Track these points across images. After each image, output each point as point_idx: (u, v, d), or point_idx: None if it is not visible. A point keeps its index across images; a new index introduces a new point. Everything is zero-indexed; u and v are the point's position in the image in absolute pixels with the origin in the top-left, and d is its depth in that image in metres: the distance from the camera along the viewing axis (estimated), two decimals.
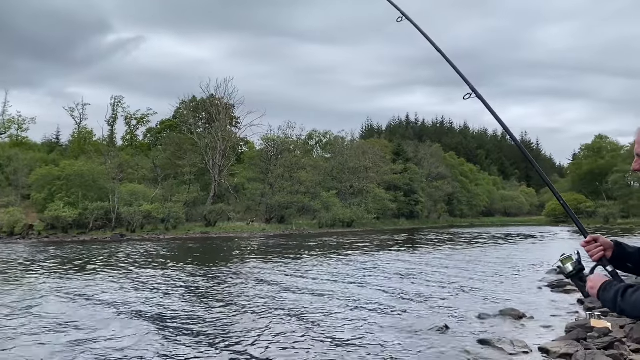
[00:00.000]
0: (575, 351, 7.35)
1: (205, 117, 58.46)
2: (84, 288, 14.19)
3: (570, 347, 7.52)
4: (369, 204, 62.49)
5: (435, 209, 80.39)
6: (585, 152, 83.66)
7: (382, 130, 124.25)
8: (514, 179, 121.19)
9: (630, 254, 2.13)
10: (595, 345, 7.59)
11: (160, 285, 14.90)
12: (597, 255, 2.14)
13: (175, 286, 14.71)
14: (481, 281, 15.94)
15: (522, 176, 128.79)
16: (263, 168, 58.94)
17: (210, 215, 47.82)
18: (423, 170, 78.87)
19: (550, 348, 7.61)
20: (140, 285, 14.84)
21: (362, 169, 66.18)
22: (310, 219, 56.40)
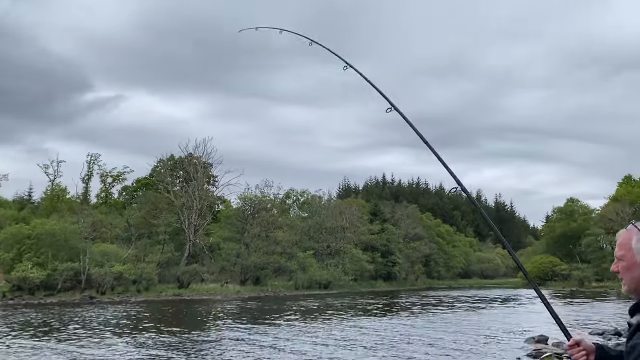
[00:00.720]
0: None
1: (183, 175, 58.26)
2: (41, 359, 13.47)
3: None
4: (346, 264, 61.96)
5: (413, 270, 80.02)
6: (558, 214, 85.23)
7: (359, 189, 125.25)
8: (490, 241, 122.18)
9: (612, 357, 2.07)
10: None
11: (131, 354, 14.22)
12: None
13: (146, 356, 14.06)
14: (461, 350, 15.64)
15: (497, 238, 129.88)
16: (239, 227, 58.35)
17: (184, 276, 46.68)
18: (400, 231, 79.06)
19: None
20: (109, 354, 14.15)
21: (339, 228, 66.04)
22: (286, 280, 55.46)
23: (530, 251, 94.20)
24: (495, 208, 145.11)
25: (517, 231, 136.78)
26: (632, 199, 65.29)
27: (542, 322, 24.08)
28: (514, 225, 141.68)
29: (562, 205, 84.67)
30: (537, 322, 23.74)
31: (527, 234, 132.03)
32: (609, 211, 63.58)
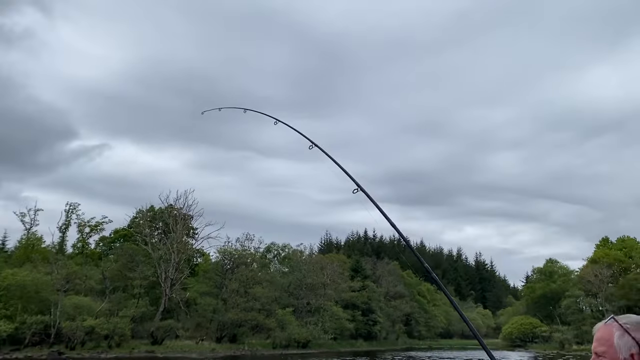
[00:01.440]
0: None
1: (162, 227, 57.48)
2: None
3: None
4: (326, 322, 60.76)
5: (394, 329, 78.72)
6: (538, 275, 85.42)
7: (340, 244, 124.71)
8: (470, 300, 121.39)
9: None
10: None
11: None
12: None
13: None
14: None
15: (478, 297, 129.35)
16: (217, 282, 57.22)
17: (158, 332, 45.22)
18: (381, 289, 78.32)
19: None
20: None
21: (319, 285, 65.11)
22: (263, 338, 53.99)
23: (510, 311, 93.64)
24: (475, 267, 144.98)
25: (497, 290, 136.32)
26: (610, 261, 65.90)
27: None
28: (494, 284, 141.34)
29: (541, 266, 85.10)
30: None
31: (507, 294, 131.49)
32: (588, 273, 63.94)
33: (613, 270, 65.14)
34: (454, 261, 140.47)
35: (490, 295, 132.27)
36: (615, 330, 1.87)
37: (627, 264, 67.85)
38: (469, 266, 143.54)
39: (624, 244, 75.70)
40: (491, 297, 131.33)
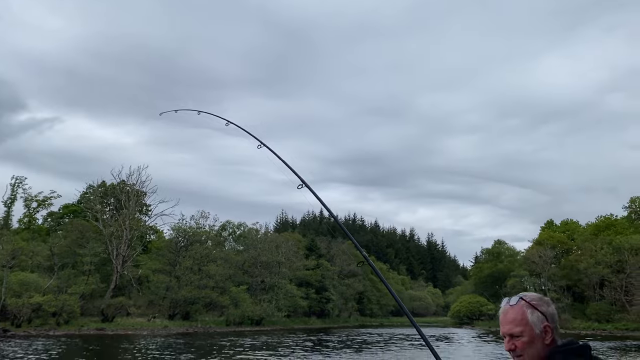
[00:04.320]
0: None
1: (114, 203, 56.22)
2: None
3: None
4: (280, 300, 61.26)
5: (346, 307, 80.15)
6: (486, 255, 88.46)
7: (296, 224, 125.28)
8: (421, 279, 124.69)
9: None
10: None
11: None
12: None
13: None
14: None
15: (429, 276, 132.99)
16: (171, 259, 56.61)
17: (109, 310, 44.52)
18: (335, 267, 79.33)
19: None
20: None
21: (274, 263, 65.40)
22: (217, 316, 54.02)
23: (459, 290, 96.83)
24: (427, 247, 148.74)
25: (447, 270, 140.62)
26: (553, 243, 68.88)
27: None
28: (445, 264, 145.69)
29: (490, 247, 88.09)
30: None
31: (457, 274, 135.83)
32: (533, 254, 66.64)
33: (556, 251, 68.14)
34: (407, 241, 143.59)
35: (441, 275, 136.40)
36: (526, 309, 2.00)
37: (569, 245, 71.12)
38: (421, 246, 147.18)
39: (567, 227, 79.28)
40: (441, 276, 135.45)
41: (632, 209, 70.61)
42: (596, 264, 58.81)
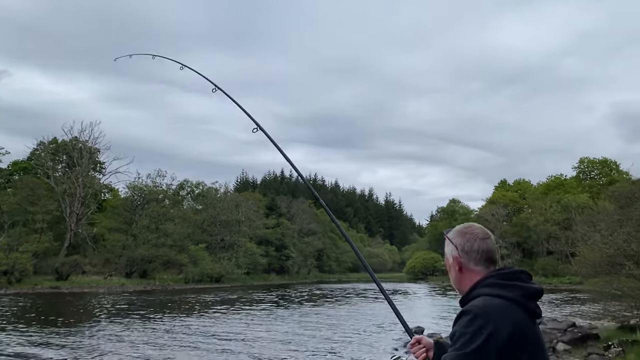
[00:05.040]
0: None
1: (66, 160, 54.39)
2: None
3: None
4: (240, 258, 61.55)
5: (306, 264, 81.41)
6: (441, 214, 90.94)
7: (256, 184, 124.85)
8: (379, 237, 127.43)
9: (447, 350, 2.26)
10: None
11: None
12: (421, 357, 2.26)
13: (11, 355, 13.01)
14: (344, 341, 16.21)
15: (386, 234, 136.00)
16: (127, 218, 55.69)
17: (63, 268, 43.69)
18: (295, 226, 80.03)
19: None
20: None
21: (234, 222, 65.35)
22: (175, 274, 53.89)
23: (414, 247, 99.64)
24: (385, 206, 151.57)
25: (404, 228, 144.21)
26: (506, 202, 71.32)
27: (421, 315, 25.66)
28: (402, 222, 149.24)
29: (444, 206, 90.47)
30: (417, 315, 25.28)
31: (413, 231, 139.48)
32: (486, 212, 68.89)
33: (508, 210, 70.65)
34: (366, 201, 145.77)
35: (398, 233, 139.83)
36: (445, 241, 2.14)
37: (520, 204, 73.79)
38: (379, 205, 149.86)
39: (520, 187, 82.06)
40: (398, 234, 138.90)
41: (581, 169, 73.46)
42: (545, 222, 61.31)
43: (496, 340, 1.79)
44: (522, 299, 1.90)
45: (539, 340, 1.94)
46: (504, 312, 1.85)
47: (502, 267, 2.04)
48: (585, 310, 25.61)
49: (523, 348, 1.83)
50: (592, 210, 32.23)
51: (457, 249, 2.06)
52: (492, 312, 1.84)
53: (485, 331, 1.79)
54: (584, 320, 19.93)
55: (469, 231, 2.10)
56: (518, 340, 1.82)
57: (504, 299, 1.89)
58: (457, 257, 2.06)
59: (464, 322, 1.85)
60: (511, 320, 1.83)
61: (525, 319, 1.89)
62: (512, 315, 1.86)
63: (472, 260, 2.04)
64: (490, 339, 1.78)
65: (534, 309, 1.93)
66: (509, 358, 1.79)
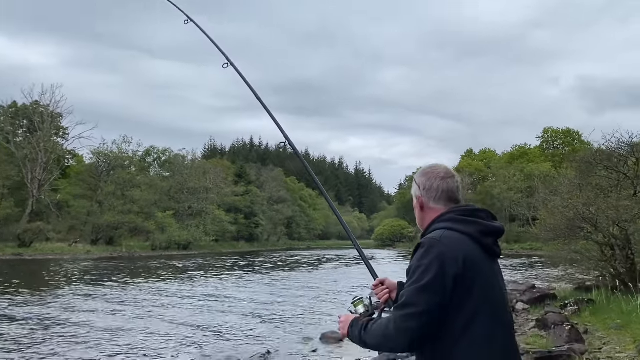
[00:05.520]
0: None
1: (26, 125, 52.56)
2: None
3: None
4: (208, 225, 61.24)
5: (275, 232, 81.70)
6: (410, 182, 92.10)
7: (225, 151, 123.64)
8: (349, 205, 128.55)
9: None
10: None
11: None
12: (383, 298, 2.26)
13: None
14: (309, 304, 16.43)
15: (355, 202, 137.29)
16: (92, 184, 54.53)
17: (25, 235, 42.69)
18: (264, 193, 79.89)
19: None
20: None
21: (202, 189, 64.75)
22: (143, 241, 53.37)
23: (383, 215, 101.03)
24: (355, 175, 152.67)
25: (373, 197, 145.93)
26: (472, 170, 72.63)
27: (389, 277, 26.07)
28: (371, 191, 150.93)
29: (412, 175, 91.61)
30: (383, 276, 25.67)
31: (382, 200, 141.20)
32: None
33: (473, 178, 72.01)
34: (336, 169, 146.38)
35: (367, 201, 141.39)
36: (412, 182, 2.16)
37: (485, 173, 75.30)
38: (349, 174, 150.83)
39: (485, 156, 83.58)
40: (367, 202, 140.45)
41: (545, 139, 75.16)
42: (508, 190, 62.80)
43: (452, 267, 1.79)
44: (478, 234, 1.91)
45: (496, 277, 1.95)
46: (458, 244, 1.85)
47: (463, 204, 2.04)
48: (545, 274, 26.58)
49: (476, 280, 1.83)
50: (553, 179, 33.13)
51: (419, 188, 2.09)
52: (447, 242, 1.84)
53: (441, 261, 1.79)
54: (543, 283, 20.69)
55: (431, 170, 2.11)
56: (470, 271, 1.81)
57: (459, 233, 1.89)
58: (420, 196, 2.08)
59: (420, 254, 1.86)
60: (464, 251, 1.84)
61: (480, 254, 1.89)
62: (466, 247, 1.86)
63: (432, 198, 2.05)
64: (446, 267, 1.79)
65: (491, 246, 1.94)
66: (463, 288, 1.80)
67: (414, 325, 1.76)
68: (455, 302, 1.78)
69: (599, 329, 9.33)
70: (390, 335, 1.82)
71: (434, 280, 1.77)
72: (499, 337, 1.84)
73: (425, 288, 1.77)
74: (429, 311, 1.76)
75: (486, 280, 1.87)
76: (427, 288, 1.77)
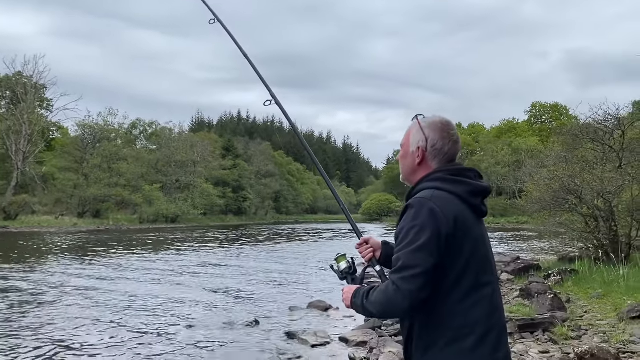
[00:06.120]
0: (370, 339, 7.95)
1: (9, 96, 51.62)
2: None
3: (366, 336, 8.11)
4: (196, 199, 61.14)
5: (263, 206, 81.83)
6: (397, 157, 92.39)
7: (212, 124, 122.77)
8: (336, 180, 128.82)
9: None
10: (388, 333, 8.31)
11: None
12: (367, 256, 2.22)
13: None
14: (296, 275, 16.55)
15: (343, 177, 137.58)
16: (77, 157, 53.97)
17: (11, 208, 42.30)
18: (252, 167, 79.74)
19: (349, 337, 8.12)
20: None
21: (189, 162, 64.45)
22: (130, 214, 53.19)
23: (371, 189, 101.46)
24: (343, 149, 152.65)
25: (361, 171, 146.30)
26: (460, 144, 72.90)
27: None
28: (359, 165, 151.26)
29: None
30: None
31: (369, 174, 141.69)
32: None
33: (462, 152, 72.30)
34: (324, 144, 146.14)
35: (354, 176, 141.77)
36: (414, 127, 2.05)
37: (473, 147, 75.65)
38: (337, 148, 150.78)
39: (473, 130, 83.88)
40: (355, 177, 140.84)
41: (533, 113, 75.51)
42: (496, 164, 63.30)
43: (444, 228, 1.78)
44: (466, 195, 1.89)
45: (483, 236, 1.95)
46: (447, 203, 1.83)
47: (452, 163, 2.00)
48: (530, 247, 26.99)
49: (465, 239, 1.82)
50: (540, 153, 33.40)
51: (426, 140, 1.98)
52: (438, 203, 1.82)
53: (434, 221, 1.78)
54: (528, 255, 21.01)
55: (447, 129, 2.01)
56: (460, 230, 1.81)
57: (447, 192, 1.87)
58: (424, 150, 1.99)
59: (411, 215, 1.83)
60: (454, 211, 1.82)
61: (469, 214, 1.88)
62: (456, 207, 1.84)
63: (435, 157, 1.98)
64: (441, 227, 1.77)
65: (478, 206, 1.93)
66: (454, 247, 1.79)
67: (414, 287, 1.75)
68: (446, 261, 1.78)
69: (581, 297, 9.52)
70: (392, 300, 1.79)
71: (429, 241, 1.76)
72: (487, 294, 1.85)
73: (421, 248, 1.76)
74: (427, 272, 1.75)
75: (474, 239, 1.86)
76: (422, 248, 1.76)
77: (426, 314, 1.83)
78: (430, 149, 1.97)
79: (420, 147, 1.99)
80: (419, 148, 1.99)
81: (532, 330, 7.11)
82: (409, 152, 2.04)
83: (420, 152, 1.99)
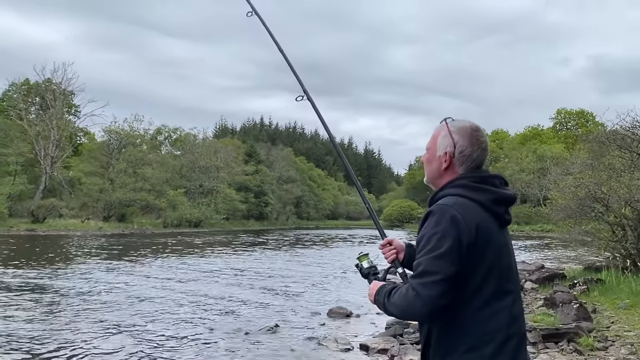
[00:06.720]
0: (391, 346, 7.90)
1: (39, 102, 52.93)
2: None
3: (387, 343, 8.07)
4: (219, 204, 61.66)
5: (284, 211, 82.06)
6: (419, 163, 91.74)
7: (235, 130, 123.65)
8: None
9: None
10: (409, 340, 8.25)
11: None
12: (390, 257, 2.23)
13: None
14: (317, 280, 16.54)
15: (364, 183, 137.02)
16: (104, 162, 54.97)
17: (39, 211, 43.26)
18: (274, 173, 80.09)
19: (370, 344, 8.09)
20: None
21: (213, 168, 65.06)
22: (154, 218, 53.89)
23: (392, 196, 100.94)
24: (364, 155, 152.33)
25: (382, 177, 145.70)
26: None
27: None
28: (380, 171, 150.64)
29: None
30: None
31: (391, 180, 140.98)
32: None
33: None
34: (345, 149, 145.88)
35: (376, 182, 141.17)
36: (442, 131, 2.02)
37: (497, 154, 74.71)
38: (359, 154, 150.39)
39: (497, 136, 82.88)
40: (376, 183, 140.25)
41: (558, 120, 74.32)
42: (520, 171, 62.38)
43: (465, 236, 1.77)
44: (490, 203, 1.87)
45: (506, 245, 1.93)
46: (471, 212, 1.82)
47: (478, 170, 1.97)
48: (555, 255, 26.52)
49: (487, 247, 1.81)
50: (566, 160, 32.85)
51: (455, 147, 1.96)
52: (460, 211, 1.80)
53: (456, 229, 1.77)
54: (553, 263, 20.65)
55: (476, 136, 1.99)
56: (482, 239, 1.80)
57: (470, 200, 1.85)
58: (451, 155, 1.96)
59: (432, 222, 1.83)
60: (477, 220, 1.81)
61: (491, 222, 1.86)
62: (479, 215, 1.83)
63: (463, 164, 1.96)
64: (462, 235, 1.76)
65: (502, 214, 1.91)
66: (475, 256, 1.79)
67: (434, 294, 1.75)
68: (467, 270, 1.78)
69: (607, 308, 9.33)
70: (411, 304, 1.80)
71: (450, 249, 1.76)
72: (508, 303, 1.84)
73: (443, 256, 1.75)
74: (448, 279, 1.75)
75: (497, 248, 1.85)
76: (444, 256, 1.75)
77: (446, 321, 1.83)
78: (458, 154, 1.95)
79: (447, 152, 1.97)
80: (447, 153, 1.97)
81: (556, 340, 7.00)
82: (435, 156, 2.02)
83: (448, 157, 1.97)
